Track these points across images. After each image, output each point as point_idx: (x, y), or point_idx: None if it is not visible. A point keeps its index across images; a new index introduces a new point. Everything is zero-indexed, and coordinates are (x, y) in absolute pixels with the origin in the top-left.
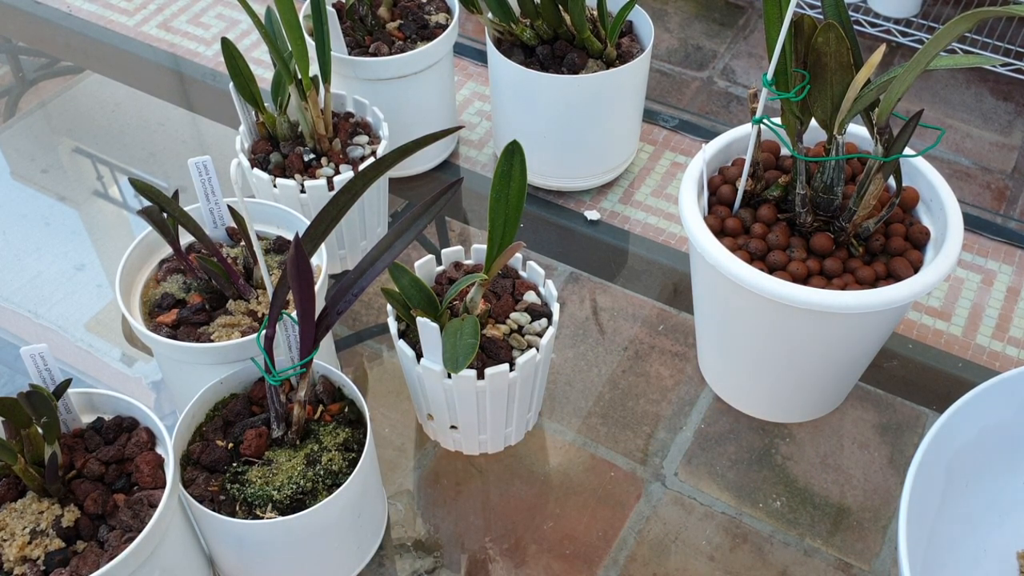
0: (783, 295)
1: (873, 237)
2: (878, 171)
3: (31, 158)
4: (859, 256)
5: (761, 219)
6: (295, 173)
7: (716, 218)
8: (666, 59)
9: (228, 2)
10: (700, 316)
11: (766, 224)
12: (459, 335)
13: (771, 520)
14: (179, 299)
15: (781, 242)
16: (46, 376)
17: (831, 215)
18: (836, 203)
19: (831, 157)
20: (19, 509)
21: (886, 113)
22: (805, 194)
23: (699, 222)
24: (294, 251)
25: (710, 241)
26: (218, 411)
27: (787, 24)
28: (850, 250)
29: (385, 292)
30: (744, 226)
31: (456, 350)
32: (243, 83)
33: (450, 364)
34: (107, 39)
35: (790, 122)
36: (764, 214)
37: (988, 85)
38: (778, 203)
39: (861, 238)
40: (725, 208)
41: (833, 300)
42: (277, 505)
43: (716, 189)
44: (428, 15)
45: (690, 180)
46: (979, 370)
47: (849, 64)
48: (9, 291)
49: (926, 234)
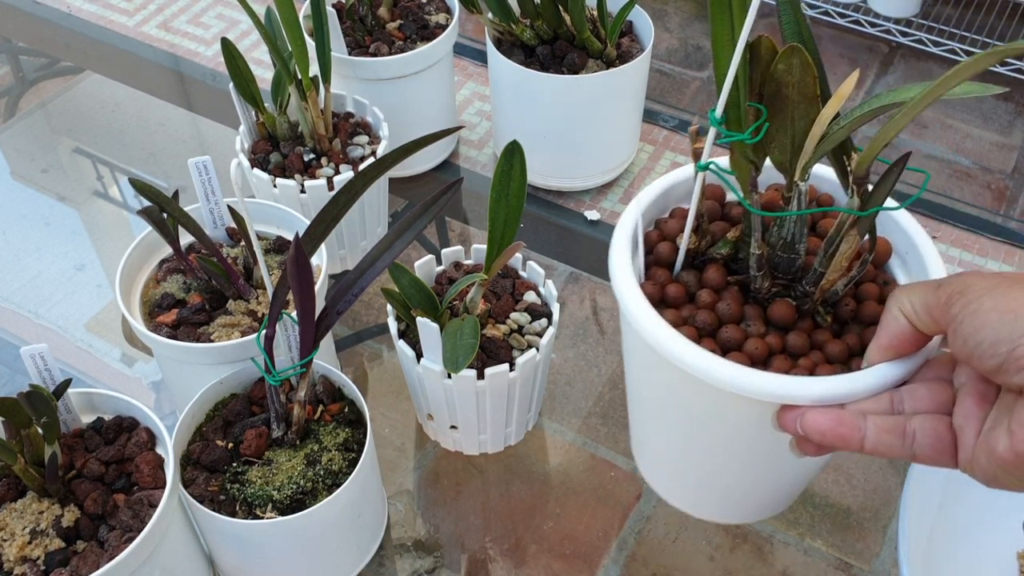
0: (745, 385)
1: (842, 302)
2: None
3: (31, 158)
4: (827, 326)
5: (708, 284)
6: (295, 173)
7: (655, 284)
8: (666, 59)
9: (228, 2)
10: (636, 402)
11: (715, 290)
12: (459, 335)
13: (771, 520)
14: (179, 299)
15: (734, 313)
16: (46, 376)
17: (792, 277)
18: (798, 263)
19: (793, 212)
20: (19, 509)
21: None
22: (761, 254)
23: (634, 291)
24: (294, 251)
25: (649, 316)
26: (218, 411)
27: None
28: (816, 319)
29: (385, 292)
30: (688, 293)
31: (456, 350)
32: (243, 83)
33: (450, 364)
34: (107, 39)
35: (742, 167)
36: (712, 278)
37: None
38: (727, 262)
39: (828, 304)
40: (664, 271)
41: (804, 389)
42: (277, 505)
43: (653, 247)
44: (428, 15)
45: (622, 237)
46: None
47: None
48: (9, 291)
49: None
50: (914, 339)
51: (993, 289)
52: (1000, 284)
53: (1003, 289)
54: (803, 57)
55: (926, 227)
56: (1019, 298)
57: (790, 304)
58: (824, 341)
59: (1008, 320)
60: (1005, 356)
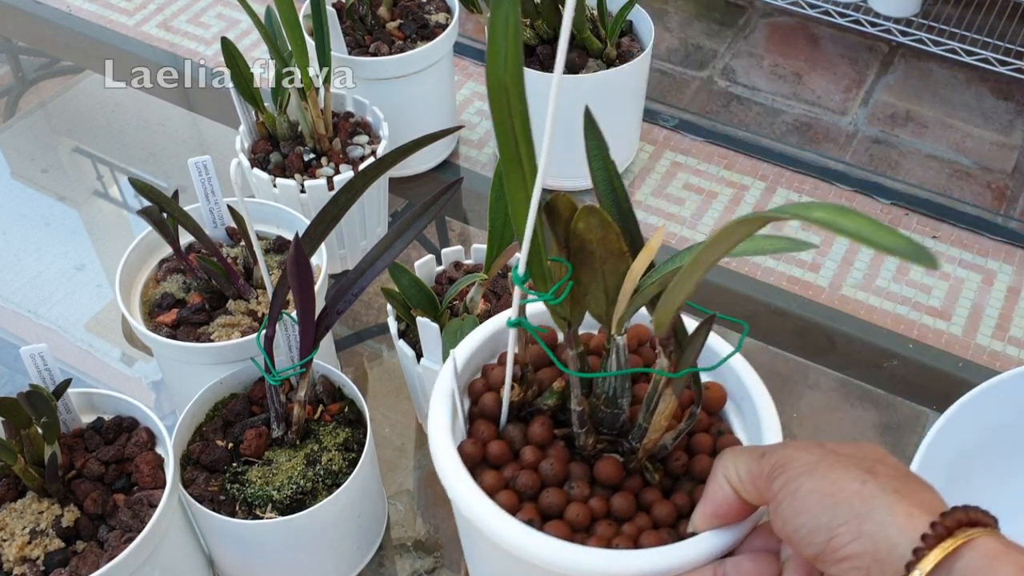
0: (560, 562)
1: (672, 456)
2: (667, 386)
3: (31, 158)
4: (656, 484)
5: (533, 440)
6: (295, 173)
7: (476, 443)
8: (666, 59)
9: (228, 2)
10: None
11: (540, 447)
12: (459, 335)
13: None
14: (179, 299)
15: (557, 474)
16: (46, 376)
17: (618, 432)
18: (622, 417)
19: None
20: (19, 509)
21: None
22: (582, 410)
23: (449, 454)
24: (294, 251)
25: (463, 484)
26: (218, 411)
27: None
28: (645, 476)
29: (385, 292)
30: (513, 449)
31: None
32: (243, 83)
33: None
34: (107, 39)
35: (557, 322)
36: (537, 433)
37: (989, 85)
38: (555, 413)
39: (658, 458)
40: (489, 425)
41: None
42: (277, 505)
43: (478, 397)
44: (428, 15)
45: (441, 396)
46: (979, 370)
47: (621, 251)
48: (9, 291)
49: None
50: (740, 508)
51: (814, 468)
52: (821, 462)
53: (823, 470)
54: (601, 217)
55: (926, 227)
56: (839, 481)
57: (616, 462)
58: (652, 502)
59: (827, 506)
60: (823, 546)
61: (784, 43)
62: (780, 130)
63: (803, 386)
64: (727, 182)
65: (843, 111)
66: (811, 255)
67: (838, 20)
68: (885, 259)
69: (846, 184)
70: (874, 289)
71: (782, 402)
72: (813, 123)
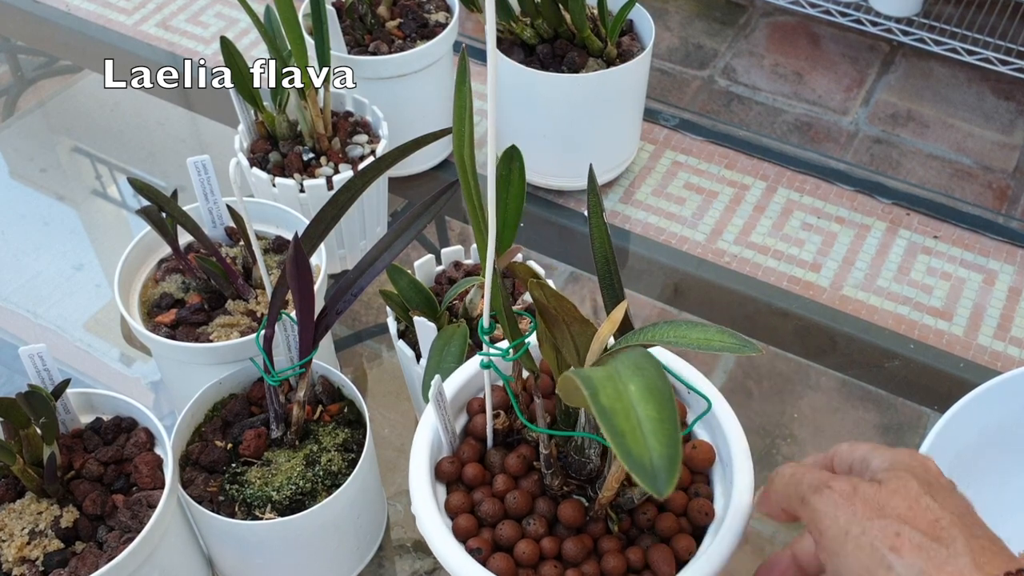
0: None
1: (640, 509)
2: None
3: (30, 157)
4: (616, 535)
5: (509, 469)
6: (294, 172)
7: (454, 462)
8: (667, 58)
9: (227, 1)
10: None
11: (513, 477)
12: (444, 354)
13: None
14: (178, 299)
15: (520, 507)
16: (45, 376)
17: (585, 479)
18: (590, 466)
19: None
20: (18, 510)
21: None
22: (549, 453)
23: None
24: (293, 251)
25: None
26: (217, 411)
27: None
28: (608, 524)
29: (383, 294)
30: (491, 473)
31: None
32: (242, 82)
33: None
34: (106, 38)
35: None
36: (513, 464)
37: (989, 84)
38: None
39: (625, 509)
40: (476, 446)
41: None
42: (276, 506)
43: (474, 415)
44: (428, 14)
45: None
46: (980, 370)
47: (581, 318)
48: (8, 291)
49: (708, 515)
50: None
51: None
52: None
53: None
54: (550, 291)
55: (927, 227)
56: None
57: (579, 505)
58: (607, 551)
59: None
60: None
61: (785, 42)
62: (781, 130)
63: (804, 386)
64: (728, 181)
65: (844, 111)
66: (812, 255)
67: (839, 19)
68: (886, 259)
69: (847, 184)
70: (875, 289)
71: (783, 402)
72: (814, 122)
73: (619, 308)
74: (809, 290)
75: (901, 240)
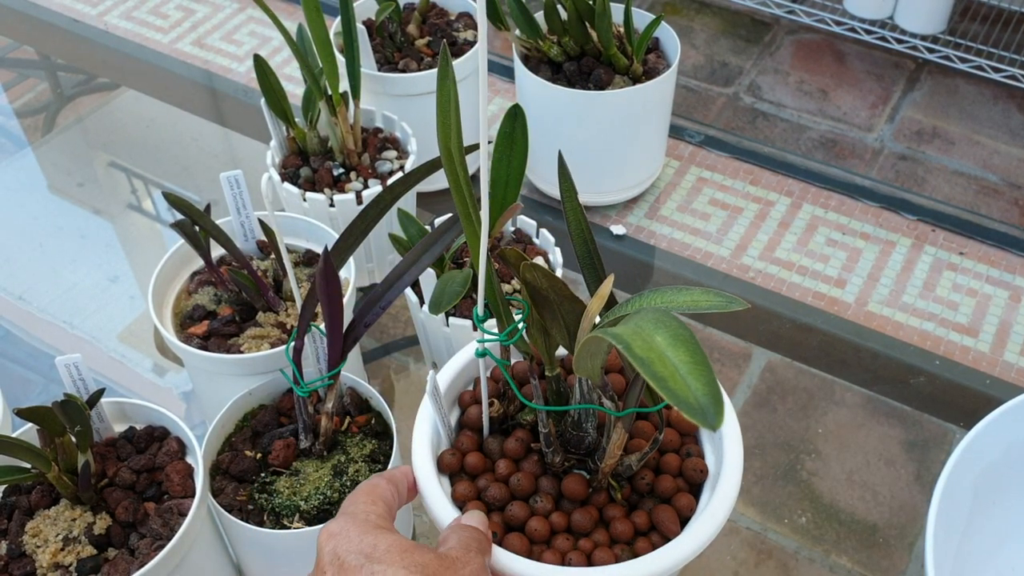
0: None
1: (639, 475)
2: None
3: (68, 172)
4: (620, 502)
5: (509, 453)
6: (324, 187)
7: (455, 453)
8: (692, 75)
9: (261, 20)
10: None
11: (514, 460)
12: (449, 282)
13: (796, 536)
14: (210, 311)
15: (525, 488)
16: (80, 386)
17: (585, 452)
18: (588, 440)
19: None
20: (52, 516)
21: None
22: (548, 432)
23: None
24: (323, 264)
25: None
26: (247, 422)
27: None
28: (610, 493)
29: (392, 238)
30: (490, 460)
31: (442, 295)
32: (274, 99)
33: (433, 306)
34: (143, 56)
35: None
36: (512, 448)
37: (1016, 101)
38: (534, 427)
39: (624, 477)
40: (473, 437)
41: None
42: (304, 515)
43: (466, 408)
44: (456, 32)
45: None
46: (1007, 387)
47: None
48: (45, 302)
49: (703, 472)
50: None
51: None
52: None
53: None
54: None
55: (953, 244)
56: None
57: (581, 479)
58: (613, 518)
59: None
60: None
61: (810, 60)
62: (806, 146)
63: (829, 402)
64: (753, 198)
65: (869, 127)
66: (837, 271)
67: (864, 37)
68: (911, 275)
69: (872, 200)
70: (900, 305)
71: (808, 418)
72: (839, 139)
73: (605, 283)
74: (834, 306)
75: (926, 256)
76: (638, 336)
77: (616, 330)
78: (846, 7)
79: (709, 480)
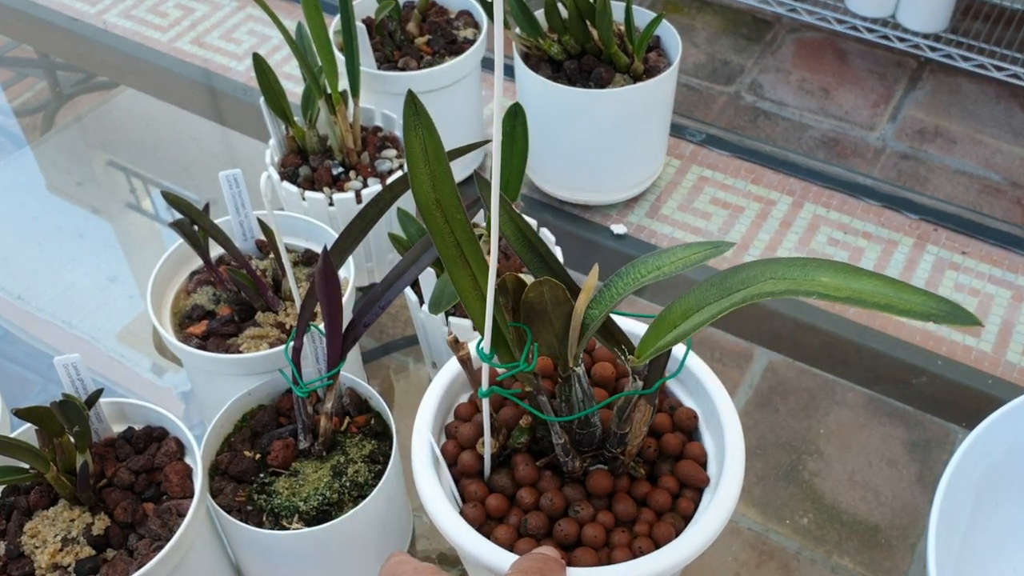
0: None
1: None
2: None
3: (66, 171)
4: (641, 477)
5: (523, 481)
6: (324, 186)
7: (476, 505)
8: (693, 73)
9: (260, 18)
10: None
11: (532, 485)
12: (449, 282)
13: (798, 537)
14: (209, 310)
15: (558, 505)
16: (78, 386)
17: (597, 446)
18: (597, 433)
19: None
20: (51, 517)
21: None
22: (564, 442)
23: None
24: (322, 263)
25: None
26: (246, 422)
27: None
28: (631, 475)
29: (392, 237)
30: (508, 496)
31: (442, 295)
32: (273, 98)
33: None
34: (141, 55)
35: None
36: (523, 474)
37: (1018, 100)
38: (529, 447)
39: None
40: (479, 484)
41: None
42: (303, 516)
43: (455, 459)
44: (456, 30)
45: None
46: (1009, 387)
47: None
48: (43, 301)
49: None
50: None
51: None
52: None
53: None
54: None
55: (955, 243)
56: None
57: (605, 472)
58: (646, 494)
59: None
60: None
61: (812, 58)
62: (807, 145)
63: (831, 402)
64: (754, 197)
65: (871, 126)
66: None
67: (866, 35)
68: (913, 274)
69: (874, 199)
70: None
71: (809, 418)
72: (841, 138)
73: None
74: (835, 305)
75: (928, 256)
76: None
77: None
78: (848, 5)
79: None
